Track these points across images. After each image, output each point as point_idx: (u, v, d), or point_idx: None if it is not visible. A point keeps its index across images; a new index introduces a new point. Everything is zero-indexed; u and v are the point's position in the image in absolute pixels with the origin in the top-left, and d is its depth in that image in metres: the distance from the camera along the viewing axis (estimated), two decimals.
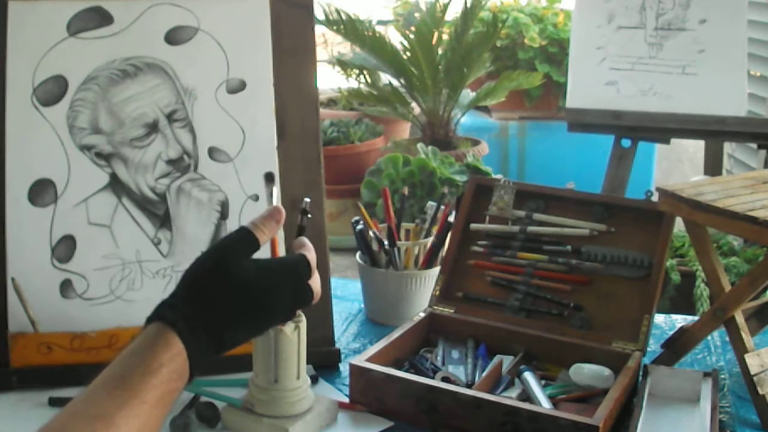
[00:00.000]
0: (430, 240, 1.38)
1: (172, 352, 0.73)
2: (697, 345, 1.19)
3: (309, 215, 1.02)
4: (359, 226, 1.37)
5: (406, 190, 1.52)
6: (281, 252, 1.01)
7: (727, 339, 1.15)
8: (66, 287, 1.16)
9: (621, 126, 2.49)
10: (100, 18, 1.20)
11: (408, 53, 3.70)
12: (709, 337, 1.25)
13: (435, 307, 1.27)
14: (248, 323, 0.81)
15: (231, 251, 0.82)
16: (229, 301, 0.79)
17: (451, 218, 1.36)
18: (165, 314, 0.75)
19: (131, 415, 0.67)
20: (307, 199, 1.03)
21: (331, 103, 4.22)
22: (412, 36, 3.69)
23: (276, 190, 1.00)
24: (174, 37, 1.21)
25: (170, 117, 1.20)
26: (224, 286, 0.79)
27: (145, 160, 1.19)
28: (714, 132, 2.46)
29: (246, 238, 0.85)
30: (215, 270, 0.80)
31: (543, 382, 1.11)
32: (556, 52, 3.99)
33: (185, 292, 0.79)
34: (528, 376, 1.10)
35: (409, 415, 1.05)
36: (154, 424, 0.70)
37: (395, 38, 3.92)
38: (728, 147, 3.40)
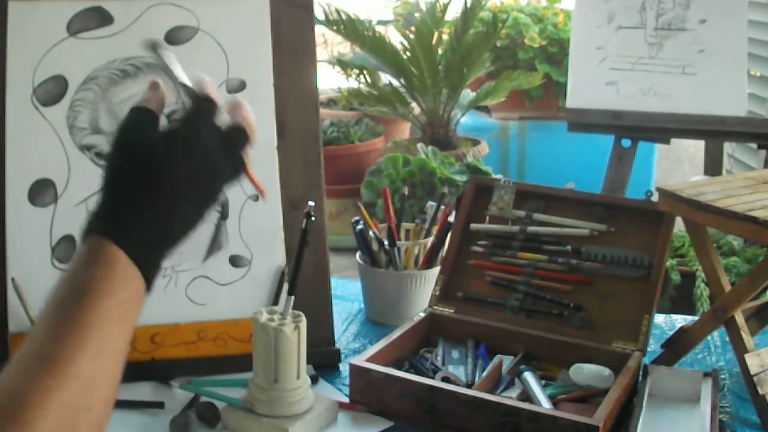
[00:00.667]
0: (430, 240, 1.38)
1: (106, 260, 0.65)
2: (697, 345, 1.19)
3: (313, 218, 1.03)
4: (359, 226, 1.37)
5: (406, 190, 1.52)
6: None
7: (727, 339, 1.15)
8: None
9: (621, 126, 2.49)
10: (100, 18, 1.20)
11: (408, 53, 3.70)
12: (709, 337, 1.25)
13: (435, 307, 1.27)
14: (186, 189, 0.71)
15: (129, 129, 0.74)
16: (151, 172, 0.70)
17: (451, 218, 1.36)
18: (89, 224, 0.68)
19: (75, 346, 0.61)
20: (311, 203, 1.03)
21: (331, 103, 4.22)
22: (412, 36, 3.69)
23: (167, 53, 0.88)
24: (174, 37, 1.21)
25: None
26: (139, 160, 0.70)
27: None
28: (714, 132, 2.46)
29: (136, 113, 0.77)
30: (124, 152, 0.72)
31: (543, 382, 1.11)
32: (556, 52, 3.99)
33: (105, 193, 0.70)
34: (528, 376, 1.10)
35: (409, 415, 1.05)
36: (114, 344, 0.63)
37: (395, 38, 3.92)
38: (728, 147, 3.40)
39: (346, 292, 1.48)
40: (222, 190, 0.75)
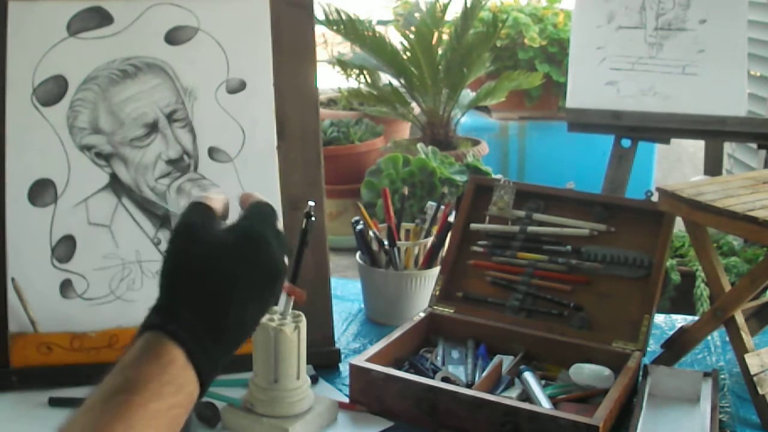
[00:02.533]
0: (430, 240, 1.38)
1: (164, 358, 0.61)
2: (697, 345, 1.19)
3: (313, 218, 1.03)
4: (359, 226, 1.37)
5: (406, 190, 1.52)
6: None
7: (727, 339, 1.15)
8: (66, 287, 1.16)
9: (621, 126, 2.50)
10: (100, 18, 1.20)
11: (408, 53, 3.70)
12: (709, 337, 1.25)
13: (435, 307, 1.27)
14: (249, 291, 0.67)
15: (192, 225, 0.70)
16: (217, 274, 0.66)
17: (451, 218, 1.36)
18: (147, 318, 0.64)
19: None
20: (311, 203, 1.03)
21: (331, 103, 4.22)
22: (412, 36, 3.69)
23: None
24: (174, 37, 1.21)
25: (170, 117, 1.20)
26: (205, 260, 0.67)
27: (145, 160, 1.19)
28: (714, 132, 2.46)
29: (197, 208, 0.73)
30: (188, 250, 0.68)
31: (543, 382, 1.11)
32: (556, 52, 3.99)
33: (167, 289, 0.66)
34: (528, 376, 1.10)
35: (409, 415, 1.05)
36: None
37: (395, 38, 3.92)
38: (728, 147, 3.40)
39: (346, 292, 1.48)
40: (277, 296, 0.73)
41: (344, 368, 1.17)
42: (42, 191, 1.16)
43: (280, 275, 0.71)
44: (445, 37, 3.79)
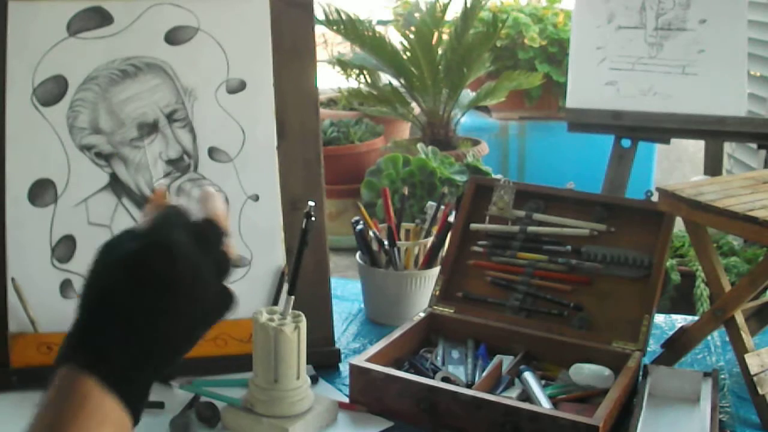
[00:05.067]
0: (430, 240, 1.38)
1: (79, 393, 0.58)
2: (697, 345, 1.19)
3: (313, 218, 1.03)
4: (359, 226, 1.37)
5: (406, 190, 1.52)
6: None
7: (727, 339, 1.15)
8: (66, 287, 1.16)
9: (621, 126, 2.50)
10: (100, 18, 1.20)
11: (408, 53, 3.70)
12: (709, 337, 1.25)
13: (435, 307, 1.26)
14: (161, 303, 0.62)
15: (103, 247, 0.65)
16: (121, 294, 0.61)
17: (451, 218, 1.36)
18: (58, 355, 0.60)
19: None
20: (311, 203, 1.03)
21: (331, 103, 4.22)
22: (412, 36, 3.69)
23: None
24: (174, 37, 1.21)
25: (170, 117, 1.20)
26: (108, 282, 0.62)
27: (145, 160, 1.19)
28: (714, 132, 2.46)
29: (123, 234, 0.66)
30: (93, 275, 0.63)
31: (543, 382, 1.11)
32: (556, 52, 3.99)
33: (77, 319, 0.62)
34: (528, 376, 1.10)
35: (409, 415, 1.05)
36: None
37: (395, 38, 3.92)
38: (728, 147, 3.40)
39: (346, 292, 1.48)
40: (213, 294, 0.68)
41: (344, 368, 1.17)
42: (42, 191, 1.16)
43: (196, 277, 0.65)
44: (445, 37, 3.79)
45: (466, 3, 3.59)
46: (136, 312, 0.61)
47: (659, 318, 1.38)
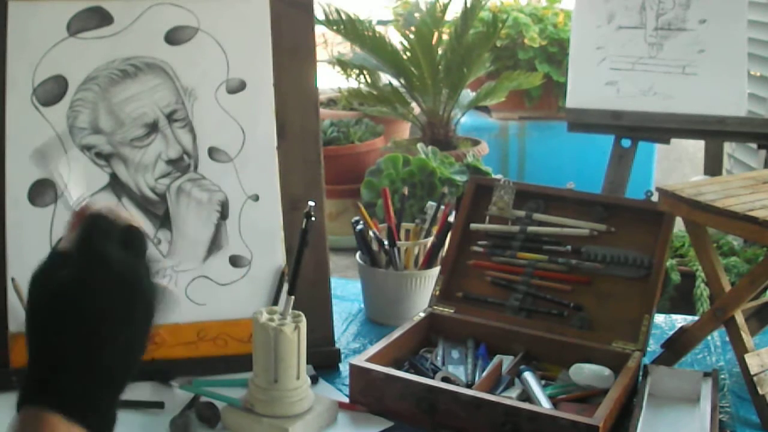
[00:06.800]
0: (430, 240, 1.38)
1: (42, 429, 0.58)
2: (697, 345, 1.19)
3: (313, 218, 1.03)
4: (359, 226, 1.37)
5: (406, 190, 1.52)
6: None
7: (727, 339, 1.15)
8: None
9: (621, 126, 2.49)
10: (100, 18, 1.20)
11: (408, 53, 3.70)
12: (709, 337, 1.25)
13: (435, 307, 1.26)
14: (106, 317, 0.63)
15: (33, 278, 0.65)
16: (60, 319, 0.62)
17: (451, 218, 1.36)
18: (20, 395, 0.61)
19: None
20: (311, 203, 1.03)
21: (331, 103, 4.22)
22: (412, 36, 3.69)
23: None
24: (174, 37, 1.21)
25: (170, 117, 1.20)
26: (45, 311, 0.63)
27: (145, 160, 1.19)
28: (714, 132, 2.46)
29: (49, 257, 0.67)
30: (31, 306, 0.64)
31: (543, 382, 1.11)
32: (556, 52, 3.99)
33: (29, 355, 0.63)
34: (528, 376, 1.10)
35: (409, 415, 1.05)
36: None
37: (395, 38, 3.92)
38: (728, 147, 3.39)
39: (346, 292, 1.48)
40: (152, 303, 0.67)
41: (344, 368, 1.17)
42: (42, 191, 1.16)
43: (137, 283, 0.65)
44: (445, 37, 3.79)
45: (466, 3, 3.59)
46: (80, 340, 0.61)
47: (659, 318, 1.38)
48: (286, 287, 1.17)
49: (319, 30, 3.76)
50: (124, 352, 0.64)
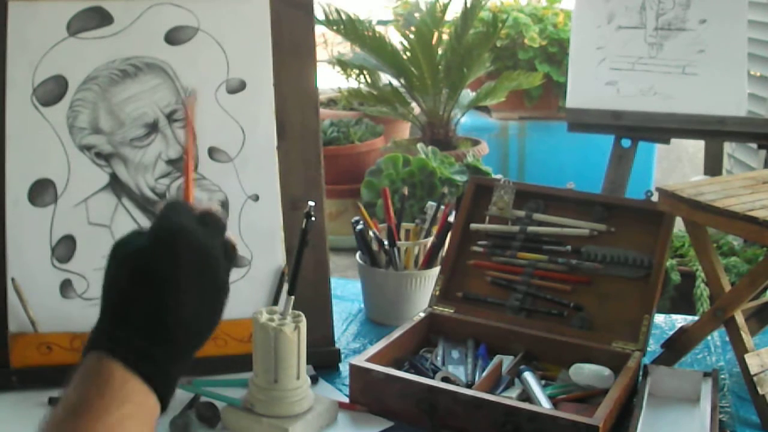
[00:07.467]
0: (430, 240, 1.38)
1: (102, 375, 0.62)
2: (697, 345, 1.19)
3: (313, 218, 1.03)
4: (359, 226, 1.37)
5: (406, 190, 1.52)
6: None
7: (727, 339, 1.15)
8: (66, 287, 1.16)
9: (621, 126, 2.49)
10: (100, 18, 1.20)
11: (408, 53, 3.70)
12: (709, 337, 1.25)
13: (435, 307, 1.26)
14: (181, 285, 0.66)
15: (118, 243, 0.70)
16: (139, 279, 0.66)
17: (451, 218, 1.36)
18: (87, 342, 0.65)
19: None
20: (311, 203, 1.03)
21: (331, 103, 4.22)
22: (412, 36, 3.69)
23: None
24: (174, 37, 1.21)
25: (170, 117, 1.20)
26: (125, 270, 0.67)
27: (145, 160, 1.19)
28: (714, 132, 2.46)
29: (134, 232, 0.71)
30: (111, 265, 0.68)
31: (543, 382, 1.11)
32: (556, 52, 3.99)
33: (101, 308, 0.67)
34: (528, 376, 1.10)
35: (409, 415, 1.05)
36: None
37: (395, 38, 3.92)
38: (728, 147, 3.40)
39: (346, 292, 1.48)
40: (225, 281, 0.71)
41: (344, 368, 1.17)
42: (42, 191, 1.16)
43: (210, 258, 0.69)
44: (445, 37, 3.79)
45: (466, 3, 3.59)
46: (148, 302, 0.65)
47: (659, 318, 1.38)
48: (286, 287, 1.17)
49: (319, 30, 3.76)
50: (190, 322, 0.67)
